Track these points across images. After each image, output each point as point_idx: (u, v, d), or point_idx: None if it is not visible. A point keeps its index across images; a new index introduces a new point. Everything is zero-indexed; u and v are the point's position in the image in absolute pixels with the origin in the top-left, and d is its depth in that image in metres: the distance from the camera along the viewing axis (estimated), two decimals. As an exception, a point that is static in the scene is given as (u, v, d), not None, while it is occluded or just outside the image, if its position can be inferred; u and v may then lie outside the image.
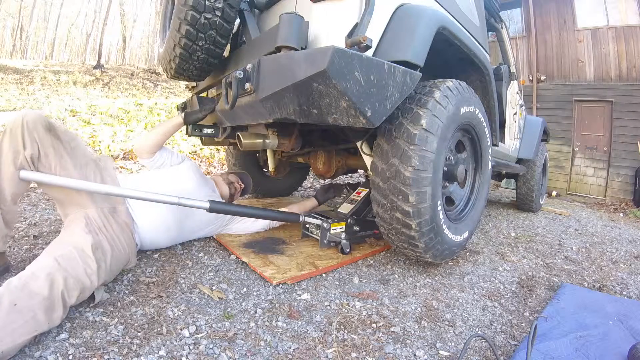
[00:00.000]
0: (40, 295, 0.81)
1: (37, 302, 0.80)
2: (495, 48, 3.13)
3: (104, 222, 1.13)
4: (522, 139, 3.21)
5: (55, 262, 0.89)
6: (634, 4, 5.72)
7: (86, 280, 0.92)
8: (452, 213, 1.61)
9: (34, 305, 0.79)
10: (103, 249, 1.04)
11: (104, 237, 1.08)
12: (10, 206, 1.06)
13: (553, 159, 6.19)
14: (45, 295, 0.81)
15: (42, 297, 0.81)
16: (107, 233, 1.11)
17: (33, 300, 0.80)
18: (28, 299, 0.79)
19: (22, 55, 20.60)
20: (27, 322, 0.77)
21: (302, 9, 1.22)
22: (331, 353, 0.92)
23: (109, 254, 1.05)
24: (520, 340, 1.09)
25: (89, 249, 0.97)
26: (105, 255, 1.03)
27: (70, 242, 0.98)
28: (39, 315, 0.79)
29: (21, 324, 0.76)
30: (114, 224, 1.16)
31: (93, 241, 1.00)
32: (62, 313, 0.85)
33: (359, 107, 0.98)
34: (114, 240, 1.12)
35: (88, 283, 0.93)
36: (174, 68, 1.38)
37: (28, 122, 1.04)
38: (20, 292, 0.79)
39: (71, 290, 0.87)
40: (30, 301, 0.79)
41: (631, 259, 2.13)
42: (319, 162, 1.98)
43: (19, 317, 0.76)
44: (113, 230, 1.14)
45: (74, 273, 0.90)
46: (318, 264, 1.44)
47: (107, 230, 1.12)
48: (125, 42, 19.81)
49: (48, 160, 1.09)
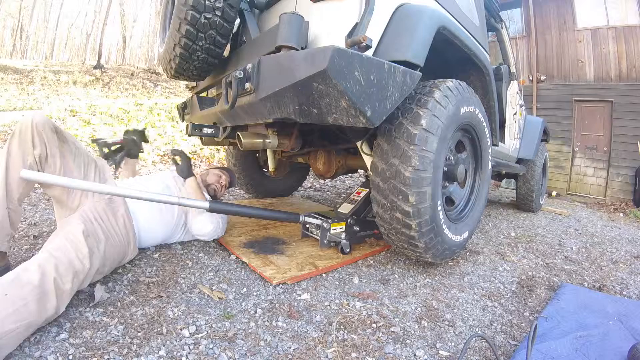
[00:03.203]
0: (31, 284, 0.81)
1: (28, 291, 0.80)
2: (495, 48, 3.13)
3: (100, 214, 1.16)
4: (522, 139, 3.21)
5: (47, 253, 0.91)
6: (634, 4, 5.72)
7: (78, 263, 0.93)
8: (452, 213, 1.61)
9: (25, 294, 0.80)
10: (97, 236, 1.06)
11: (99, 226, 1.10)
12: (16, 206, 1.08)
13: (553, 159, 6.19)
14: (35, 284, 0.82)
15: (33, 285, 0.81)
16: (102, 223, 1.13)
17: (24, 290, 0.80)
18: (19, 289, 0.80)
19: (22, 55, 20.59)
20: (17, 310, 0.77)
21: (302, 9, 1.22)
22: (331, 353, 0.92)
23: (103, 242, 1.07)
24: (520, 340, 1.09)
25: (80, 235, 0.99)
26: (99, 243, 1.05)
27: (62, 233, 1.01)
28: (30, 304, 0.80)
29: (11, 312, 0.76)
30: (110, 215, 1.18)
31: (85, 227, 1.02)
32: (55, 302, 0.85)
33: (359, 107, 0.98)
34: (110, 231, 1.14)
35: (80, 266, 0.93)
36: (174, 68, 1.38)
37: (37, 124, 1.08)
38: (11, 283, 0.80)
39: (64, 275, 0.88)
40: (21, 290, 0.80)
41: (631, 259, 2.13)
42: (319, 162, 1.98)
43: (10, 305, 0.77)
44: (109, 221, 1.17)
45: (64, 259, 0.91)
46: (318, 264, 1.44)
47: (102, 220, 1.14)
48: (125, 42, 19.78)
49: (54, 160, 1.13)
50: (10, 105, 6.75)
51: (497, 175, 3.51)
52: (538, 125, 3.41)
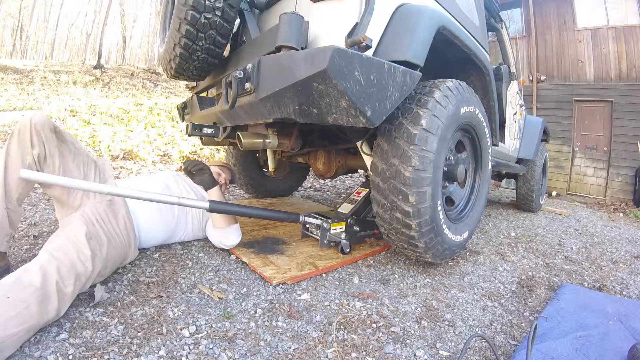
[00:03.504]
0: (32, 287, 0.81)
1: (30, 293, 0.80)
2: (495, 48, 3.13)
3: (102, 215, 1.15)
4: (522, 139, 3.21)
5: (48, 254, 0.89)
6: (634, 4, 5.72)
7: (80, 266, 0.92)
8: (452, 213, 1.61)
9: (26, 297, 0.79)
10: (99, 239, 1.05)
11: (100, 228, 1.10)
12: (16, 206, 1.08)
13: (553, 159, 6.19)
14: (37, 286, 0.81)
15: (35, 288, 0.81)
16: (104, 225, 1.12)
17: (26, 292, 0.80)
18: (21, 291, 0.79)
19: (22, 55, 20.60)
20: (19, 313, 0.77)
21: (302, 9, 1.22)
22: (331, 353, 0.92)
23: (105, 244, 1.06)
24: (520, 340, 1.09)
25: (83, 237, 0.98)
26: (101, 245, 1.04)
27: (63, 234, 0.99)
28: (32, 307, 0.79)
29: (13, 315, 0.76)
30: (111, 217, 1.18)
31: (87, 229, 1.01)
32: (57, 304, 0.84)
33: (359, 107, 0.98)
34: (111, 232, 1.13)
35: (82, 269, 0.93)
36: (174, 68, 1.38)
37: (36, 124, 1.08)
38: (13, 286, 0.79)
39: (65, 278, 0.87)
40: (23, 293, 0.79)
41: (631, 259, 2.13)
42: (319, 162, 1.98)
43: (12, 308, 0.76)
44: (110, 222, 1.16)
45: (66, 261, 0.90)
46: (318, 264, 1.44)
47: (104, 222, 1.13)
48: (125, 42, 19.79)
49: (53, 160, 1.13)
50: (10, 105, 6.76)
51: (497, 175, 3.51)
52: (538, 125, 3.41)
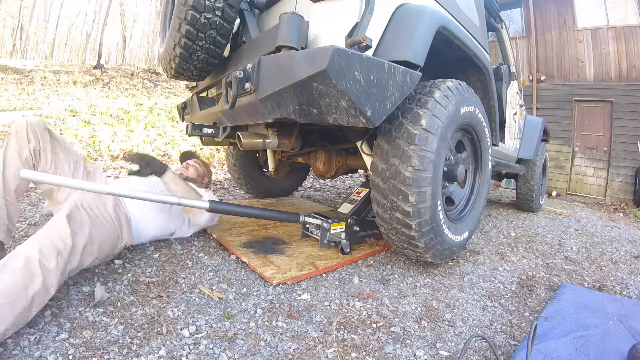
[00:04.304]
0: (16, 268, 0.85)
1: (15, 272, 0.84)
2: (495, 48, 3.13)
3: (88, 202, 1.18)
4: (522, 139, 3.21)
5: (31, 239, 0.94)
6: (634, 4, 5.72)
7: (59, 242, 0.95)
8: (452, 213, 1.61)
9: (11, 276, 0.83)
10: (81, 219, 1.08)
11: (84, 211, 1.12)
12: (14, 199, 1.16)
13: (553, 159, 6.18)
14: (20, 266, 0.85)
15: (18, 267, 0.85)
16: (89, 210, 1.15)
17: (10, 273, 0.83)
18: (7, 273, 0.83)
19: (22, 55, 20.59)
20: (5, 289, 0.80)
21: (302, 9, 1.22)
22: (331, 353, 0.92)
23: (88, 224, 1.09)
24: (520, 340, 1.09)
25: (63, 219, 1.01)
26: (83, 225, 1.07)
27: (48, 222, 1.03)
28: (17, 281, 0.82)
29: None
30: (99, 203, 1.21)
31: (69, 212, 1.05)
32: (42, 278, 0.86)
33: (359, 107, 0.98)
34: (96, 214, 1.17)
35: (62, 245, 0.95)
36: (174, 68, 1.38)
37: (31, 122, 1.24)
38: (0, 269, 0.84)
39: (47, 255, 0.91)
40: (9, 273, 0.83)
41: (631, 259, 2.13)
42: (319, 162, 1.98)
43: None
44: (98, 207, 1.19)
45: (46, 241, 0.93)
46: (318, 264, 1.44)
47: (90, 207, 1.16)
48: (125, 42, 19.81)
49: (46, 154, 1.26)
50: (10, 105, 6.76)
51: (497, 175, 3.50)
52: (538, 125, 3.41)
